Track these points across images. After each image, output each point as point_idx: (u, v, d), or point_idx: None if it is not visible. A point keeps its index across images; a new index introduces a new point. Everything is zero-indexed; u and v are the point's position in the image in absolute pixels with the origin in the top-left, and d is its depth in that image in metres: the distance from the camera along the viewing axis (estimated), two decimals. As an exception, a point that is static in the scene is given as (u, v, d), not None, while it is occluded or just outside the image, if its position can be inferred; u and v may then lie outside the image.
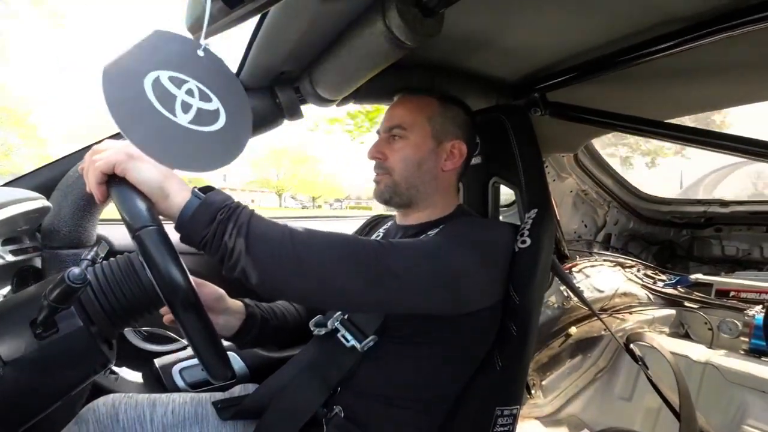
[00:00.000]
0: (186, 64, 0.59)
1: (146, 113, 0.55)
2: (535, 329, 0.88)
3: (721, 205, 1.74)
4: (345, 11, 0.73)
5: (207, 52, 0.61)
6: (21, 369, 0.53)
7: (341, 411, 0.79)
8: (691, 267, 1.96)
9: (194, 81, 0.60)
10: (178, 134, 0.57)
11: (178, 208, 0.58)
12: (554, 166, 1.68)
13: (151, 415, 0.82)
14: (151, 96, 0.56)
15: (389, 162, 0.92)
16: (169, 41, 0.59)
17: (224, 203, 0.59)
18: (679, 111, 1.17)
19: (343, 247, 0.64)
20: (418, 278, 0.68)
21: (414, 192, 0.92)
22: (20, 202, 0.81)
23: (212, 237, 0.57)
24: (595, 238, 1.96)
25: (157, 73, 0.57)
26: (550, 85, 1.09)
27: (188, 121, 0.58)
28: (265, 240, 0.59)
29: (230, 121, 0.61)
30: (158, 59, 0.58)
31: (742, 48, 0.82)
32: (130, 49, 0.56)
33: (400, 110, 0.94)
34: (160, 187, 0.57)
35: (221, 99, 0.61)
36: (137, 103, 0.55)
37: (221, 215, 0.58)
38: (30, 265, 0.88)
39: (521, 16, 0.85)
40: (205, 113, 0.60)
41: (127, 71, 0.55)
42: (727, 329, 1.42)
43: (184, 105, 0.58)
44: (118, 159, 0.56)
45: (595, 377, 1.59)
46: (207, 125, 0.59)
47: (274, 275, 0.60)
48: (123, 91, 0.54)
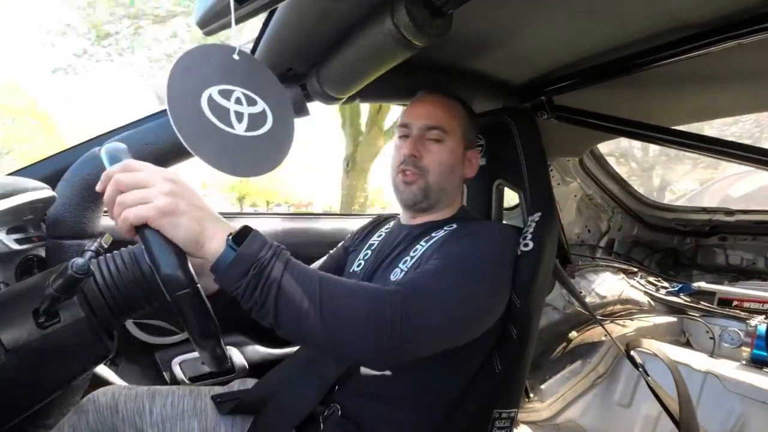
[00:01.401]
0: (228, 72, 0.62)
1: (210, 132, 0.58)
2: (535, 333, 0.88)
3: (727, 214, 1.73)
4: (353, 10, 0.73)
5: (241, 54, 0.63)
6: (22, 357, 0.53)
7: (338, 409, 0.79)
8: (694, 275, 1.95)
9: (239, 88, 0.62)
10: (239, 144, 0.60)
11: (212, 257, 0.57)
12: (559, 170, 1.68)
13: (151, 407, 0.82)
14: (209, 114, 0.59)
15: (425, 162, 0.89)
16: (209, 54, 0.61)
17: (258, 256, 0.58)
18: (686, 118, 1.16)
19: (368, 312, 0.62)
20: (443, 333, 0.69)
21: (442, 196, 0.92)
22: (26, 191, 0.81)
23: (244, 290, 0.57)
24: (598, 244, 1.95)
25: (209, 91, 0.60)
26: (557, 89, 1.09)
27: (244, 130, 0.61)
28: (293, 302, 0.59)
29: (276, 118, 0.64)
30: (206, 76, 0.60)
31: (752, 56, 0.81)
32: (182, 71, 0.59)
33: (439, 111, 0.91)
34: (196, 241, 0.56)
35: (264, 98, 0.65)
36: (200, 124, 0.58)
37: (254, 270, 0.57)
38: (34, 255, 0.88)
39: (530, 18, 0.84)
40: (255, 117, 0.63)
41: (185, 97, 0.58)
42: (729, 338, 1.41)
43: (237, 115, 0.61)
44: (150, 216, 0.53)
45: (595, 383, 1.59)
46: (259, 128, 0.63)
47: (299, 336, 0.63)
48: (187, 116, 0.57)
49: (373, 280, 0.89)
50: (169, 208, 0.54)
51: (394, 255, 0.90)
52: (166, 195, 0.55)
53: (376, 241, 0.99)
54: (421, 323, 0.64)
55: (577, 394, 1.59)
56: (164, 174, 0.57)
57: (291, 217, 1.61)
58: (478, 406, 0.85)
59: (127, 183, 0.55)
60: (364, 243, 1.02)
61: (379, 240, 0.99)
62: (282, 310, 0.58)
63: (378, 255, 0.94)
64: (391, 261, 0.89)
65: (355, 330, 0.61)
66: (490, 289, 0.77)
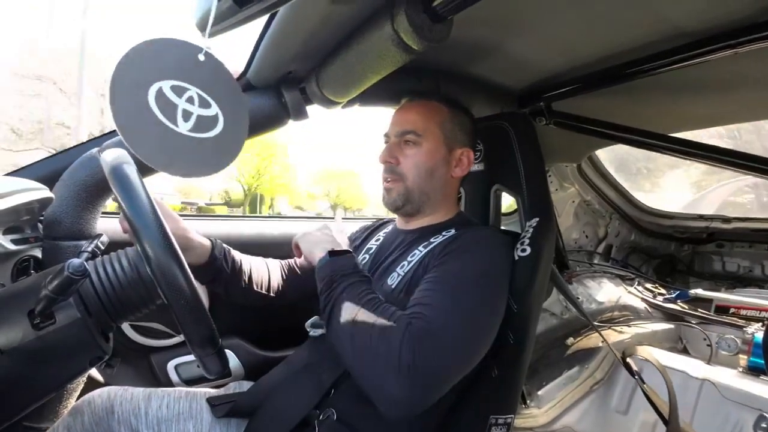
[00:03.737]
0: (187, 71, 0.60)
1: (149, 124, 0.57)
2: (532, 338, 0.88)
3: (724, 221, 1.73)
4: (354, 14, 0.73)
5: (208, 56, 0.62)
6: (17, 358, 0.53)
7: (334, 413, 0.79)
8: (691, 282, 1.95)
9: (195, 88, 0.61)
10: (179, 143, 0.58)
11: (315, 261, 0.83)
12: (557, 176, 1.68)
13: (146, 409, 0.82)
14: (155, 107, 0.57)
15: (402, 167, 0.92)
16: (171, 48, 0.60)
17: (339, 272, 0.77)
18: (684, 125, 1.17)
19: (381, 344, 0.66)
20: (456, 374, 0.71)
21: (425, 199, 0.93)
22: (23, 191, 0.81)
23: (321, 290, 0.77)
24: (596, 250, 1.95)
25: (160, 84, 0.58)
26: (555, 95, 1.09)
27: (188, 129, 0.59)
28: (339, 317, 0.71)
29: (228, 126, 0.63)
30: (161, 69, 0.59)
31: (750, 64, 0.82)
32: (135, 59, 0.57)
33: (413, 115, 0.93)
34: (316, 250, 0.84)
35: (220, 104, 0.63)
36: (141, 114, 0.56)
37: (331, 279, 0.76)
38: (30, 255, 0.88)
39: (529, 25, 0.85)
40: (204, 120, 0.61)
41: (133, 82, 0.56)
42: (725, 346, 1.42)
43: (185, 114, 0.60)
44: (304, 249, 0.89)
45: (592, 389, 1.58)
46: (206, 131, 0.61)
47: (335, 343, 0.74)
48: (129, 103, 0.56)
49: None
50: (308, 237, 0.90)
51: (392, 260, 0.90)
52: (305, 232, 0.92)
53: (374, 246, 0.99)
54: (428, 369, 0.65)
55: (575, 400, 1.58)
56: None
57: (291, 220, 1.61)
58: (474, 412, 0.85)
59: None
60: (362, 246, 1.02)
61: (377, 244, 0.99)
62: (329, 318, 0.74)
63: (375, 259, 0.94)
64: (389, 265, 0.89)
65: (382, 365, 0.65)
66: (490, 307, 0.77)
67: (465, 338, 0.70)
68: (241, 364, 1.28)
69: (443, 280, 0.76)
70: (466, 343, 0.70)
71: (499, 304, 0.80)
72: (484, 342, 0.75)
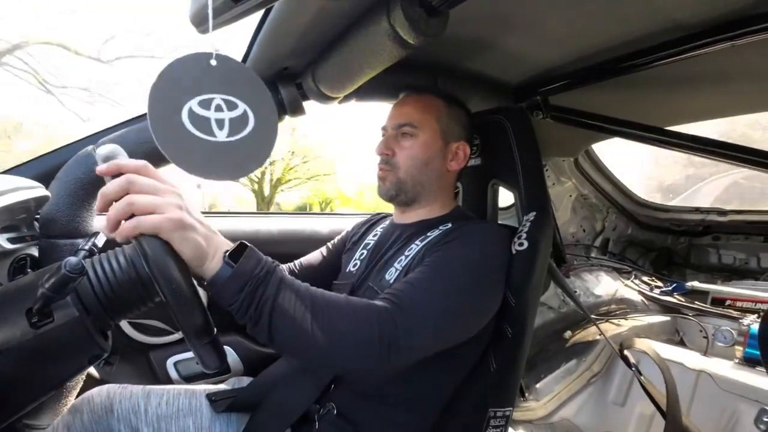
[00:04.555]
0: (206, 81, 0.62)
1: (194, 145, 0.60)
2: (530, 332, 0.89)
3: (720, 214, 1.74)
4: (350, 8, 0.73)
5: (219, 58, 0.63)
6: (16, 357, 0.52)
7: (334, 408, 0.79)
8: (687, 275, 1.96)
9: (218, 95, 0.63)
10: (222, 151, 0.61)
11: (210, 274, 0.58)
12: (554, 170, 1.68)
13: (146, 406, 0.82)
14: (191, 127, 0.60)
15: (397, 158, 0.92)
16: (186, 66, 0.61)
17: (252, 273, 0.59)
18: (681, 118, 1.17)
19: (358, 331, 0.63)
20: (430, 345, 0.70)
21: (419, 189, 0.93)
22: (19, 190, 0.81)
23: (239, 307, 0.58)
24: (593, 243, 1.96)
25: (188, 104, 0.60)
26: (552, 89, 1.09)
27: (226, 136, 0.62)
28: (286, 320, 0.60)
29: (258, 116, 0.65)
30: (184, 90, 0.60)
31: (747, 57, 0.82)
32: (159, 93, 0.59)
33: (410, 108, 0.94)
34: (200, 256, 0.57)
35: (244, 99, 0.65)
36: (184, 139, 0.59)
37: (248, 287, 0.58)
38: (27, 254, 0.88)
39: (526, 19, 0.85)
40: (236, 120, 0.63)
41: (166, 115, 0.59)
42: (721, 337, 1.43)
43: (218, 122, 0.62)
44: (165, 227, 0.53)
45: (589, 382, 1.60)
46: (242, 131, 0.63)
47: (292, 352, 0.66)
48: (170, 134, 0.58)
49: (369, 279, 0.89)
50: (182, 222, 0.54)
51: (390, 255, 0.90)
52: (178, 207, 0.54)
53: (372, 241, 0.99)
54: (408, 340, 0.65)
55: (572, 392, 1.59)
56: (175, 188, 0.57)
57: (287, 216, 1.61)
58: (473, 405, 0.85)
59: (142, 186, 0.53)
60: (360, 242, 1.02)
61: (375, 239, 0.99)
62: (275, 327, 0.60)
63: (373, 254, 0.95)
64: (387, 260, 0.89)
65: (345, 348, 0.63)
66: (479, 290, 0.77)
67: (437, 315, 0.70)
68: (240, 360, 1.28)
69: (429, 264, 0.77)
70: (438, 319, 0.70)
71: (490, 292, 0.80)
72: (462, 323, 0.75)
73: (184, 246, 0.54)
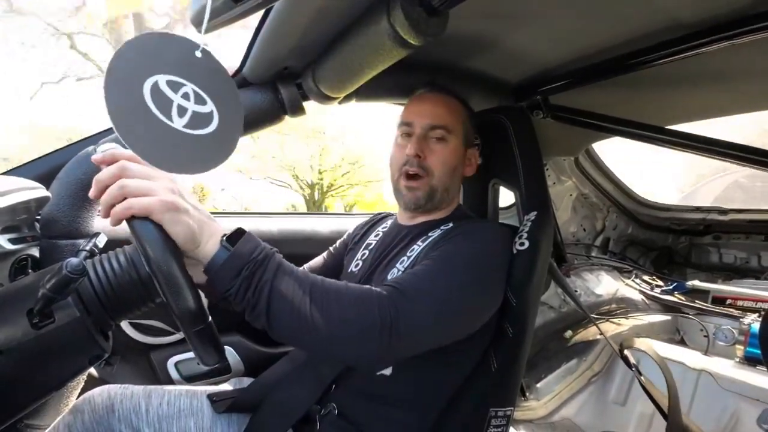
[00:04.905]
0: (184, 66, 0.60)
1: (144, 119, 0.56)
2: (531, 331, 0.89)
3: (720, 213, 1.74)
4: (350, 8, 0.73)
5: (205, 53, 0.62)
6: (17, 358, 0.53)
7: (335, 408, 0.79)
8: (688, 274, 1.96)
9: (190, 84, 0.61)
10: (173, 139, 0.58)
11: (205, 257, 0.58)
12: (554, 170, 1.68)
13: (147, 407, 0.82)
14: (150, 101, 0.57)
15: (429, 162, 0.88)
16: (169, 43, 0.60)
17: (250, 256, 0.58)
18: (681, 117, 1.17)
19: (358, 316, 0.62)
20: (430, 335, 0.70)
21: (445, 196, 0.92)
22: (20, 191, 0.81)
23: (236, 291, 0.58)
24: (593, 243, 1.96)
25: (156, 78, 0.58)
26: (552, 88, 1.09)
27: (183, 125, 0.59)
28: (285, 304, 0.59)
29: (222, 123, 0.62)
30: (158, 63, 0.58)
31: (747, 56, 0.82)
32: (132, 51, 0.57)
33: (442, 110, 0.90)
34: (193, 239, 0.57)
35: (215, 101, 0.62)
36: (136, 109, 0.56)
37: (246, 270, 0.58)
38: (28, 255, 0.88)
39: (526, 18, 0.85)
40: (199, 116, 0.61)
41: (128, 76, 0.56)
42: (722, 337, 1.43)
43: (180, 109, 0.59)
44: (155, 208, 0.53)
45: (590, 381, 1.60)
46: (200, 128, 0.60)
47: (291, 337, 0.63)
48: (123, 98, 0.55)
49: (371, 280, 0.89)
50: (173, 204, 0.54)
51: (392, 255, 0.90)
52: (170, 191, 0.55)
53: (374, 241, 0.99)
54: (409, 327, 0.65)
55: (573, 392, 1.60)
56: (166, 173, 0.58)
57: (287, 216, 1.61)
58: (474, 405, 0.85)
59: (135, 171, 0.55)
60: (362, 242, 1.02)
61: (377, 240, 0.99)
62: (274, 312, 0.59)
63: (375, 255, 0.94)
64: (389, 261, 0.89)
65: (344, 333, 0.62)
66: (480, 286, 0.77)
67: (442, 301, 0.69)
68: (241, 360, 1.28)
69: (431, 259, 0.76)
70: (439, 311, 0.69)
71: (490, 291, 0.79)
72: (463, 319, 0.75)
73: (176, 227, 0.55)
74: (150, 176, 0.56)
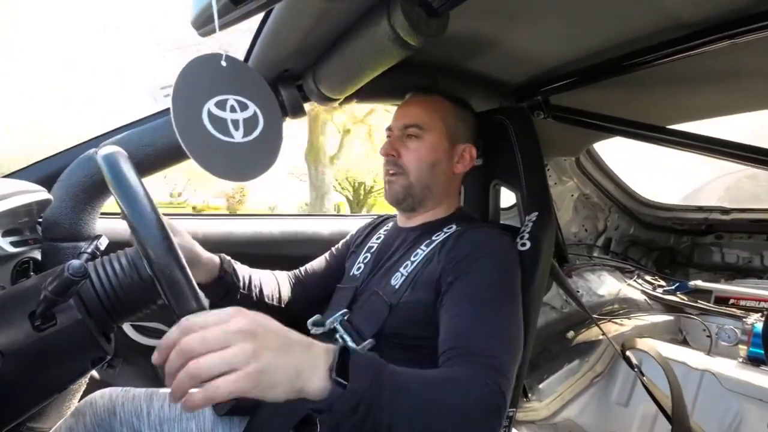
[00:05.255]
0: (219, 82, 0.64)
1: (214, 146, 0.61)
2: (533, 332, 0.88)
3: (722, 213, 1.73)
4: (350, 10, 0.73)
5: (228, 59, 0.64)
6: (19, 360, 0.53)
7: None
8: (690, 274, 1.96)
9: (231, 96, 0.65)
10: (240, 151, 0.63)
11: (314, 396, 0.49)
12: (556, 170, 1.68)
13: (148, 409, 0.82)
14: (211, 129, 0.62)
15: (403, 160, 0.91)
16: (200, 68, 0.63)
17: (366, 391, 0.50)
18: (682, 117, 1.16)
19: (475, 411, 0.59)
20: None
21: (426, 193, 0.92)
22: (22, 193, 0.81)
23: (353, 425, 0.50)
24: (595, 243, 1.96)
25: (207, 105, 0.62)
26: (553, 89, 1.09)
27: (242, 136, 0.64)
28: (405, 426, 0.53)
29: (266, 117, 0.67)
30: (202, 91, 0.62)
31: (747, 55, 0.81)
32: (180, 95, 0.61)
33: (416, 109, 0.93)
34: (294, 390, 0.47)
35: (253, 100, 0.67)
36: (206, 140, 0.61)
37: (364, 407, 0.50)
38: (30, 257, 0.88)
39: (526, 18, 0.85)
40: (248, 121, 0.65)
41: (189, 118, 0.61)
42: (725, 337, 1.42)
43: (234, 123, 0.64)
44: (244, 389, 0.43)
45: (592, 382, 1.59)
46: (254, 131, 0.66)
47: None
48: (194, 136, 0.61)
49: (373, 284, 0.89)
50: (261, 370, 0.44)
51: (395, 259, 0.89)
52: (253, 355, 0.44)
53: (375, 244, 0.99)
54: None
55: (575, 393, 1.59)
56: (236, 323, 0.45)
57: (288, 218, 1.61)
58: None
59: (199, 349, 0.43)
60: (364, 245, 1.02)
61: (378, 242, 0.99)
62: None
63: (377, 258, 0.94)
64: (392, 265, 0.88)
65: None
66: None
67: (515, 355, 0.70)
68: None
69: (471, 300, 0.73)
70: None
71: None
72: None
73: (272, 393, 0.45)
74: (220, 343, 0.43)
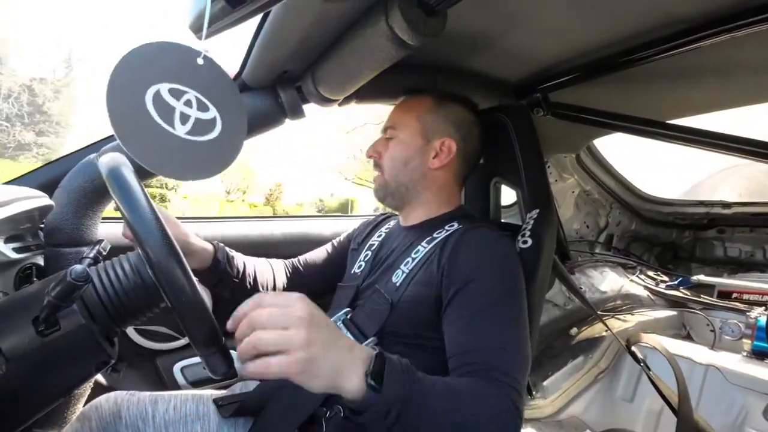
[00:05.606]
0: (186, 74, 0.61)
1: (146, 126, 0.57)
2: (536, 329, 0.88)
3: (724, 207, 1.73)
4: (348, 11, 0.73)
5: (206, 60, 0.62)
6: (23, 366, 0.53)
7: (341, 411, 0.79)
8: (693, 268, 1.95)
9: (193, 91, 0.61)
10: (175, 145, 0.58)
11: (348, 395, 0.54)
12: (556, 167, 1.68)
13: (153, 412, 0.82)
14: (152, 109, 0.58)
15: (382, 160, 0.95)
16: (170, 51, 0.60)
17: (399, 396, 0.55)
18: (681, 112, 1.16)
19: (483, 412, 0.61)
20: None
21: (403, 190, 0.94)
22: (23, 199, 0.81)
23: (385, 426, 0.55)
24: (597, 239, 1.95)
25: (158, 86, 0.59)
26: (552, 86, 1.09)
27: (185, 132, 0.60)
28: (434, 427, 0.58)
29: (226, 129, 0.63)
30: (160, 71, 0.59)
31: (745, 49, 0.81)
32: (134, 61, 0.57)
33: (395, 111, 0.98)
34: (333, 386, 0.53)
35: (218, 107, 0.63)
36: (138, 116, 0.56)
37: (395, 410, 0.55)
38: (32, 263, 0.88)
39: (524, 16, 0.85)
40: (202, 123, 0.62)
41: (130, 85, 0.57)
42: (729, 331, 1.42)
43: (183, 116, 0.60)
44: (292, 372, 0.49)
45: (597, 378, 1.59)
46: (204, 135, 0.61)
47: None
48: (125, 105, 0.56)
49: (374, 281, 0.89)
50: (309, 359, 0.50)
51: (395, 257, 0.90)
52: (306, 343, 0.50)
53: (376, 242, 0.99)
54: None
55: (580, 389, 1.59)
56: (299, 309, 0.51)
57: (291, 220, 1.61)
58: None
59: (265, 323, 0.50)
60: (365, 243, 1.02)
61: (379, 240, 0.99)
62: None
63: (378, 256, 0.94)
64: (392, 262, 0.89)
65: None
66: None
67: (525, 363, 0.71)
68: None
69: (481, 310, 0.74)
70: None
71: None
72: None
73: (313, 383, 0.51)
74: (282, 323, 0.50)
